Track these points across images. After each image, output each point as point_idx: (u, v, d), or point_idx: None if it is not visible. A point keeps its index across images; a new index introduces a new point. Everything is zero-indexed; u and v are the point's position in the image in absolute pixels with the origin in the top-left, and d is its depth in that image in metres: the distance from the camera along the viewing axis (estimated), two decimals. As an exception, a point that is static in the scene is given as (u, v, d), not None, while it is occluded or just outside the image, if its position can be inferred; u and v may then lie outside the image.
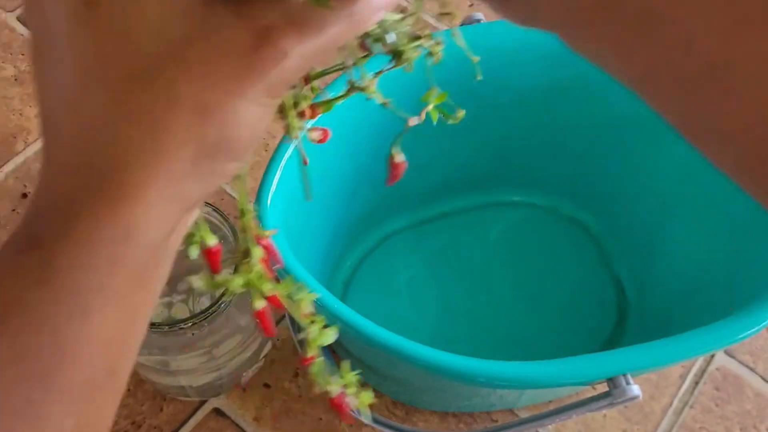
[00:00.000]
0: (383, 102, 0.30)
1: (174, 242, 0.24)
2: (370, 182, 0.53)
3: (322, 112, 0.30)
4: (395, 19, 0.28)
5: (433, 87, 0.31)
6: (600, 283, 0.65)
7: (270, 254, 0.29)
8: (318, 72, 0.29)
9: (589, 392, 0.53)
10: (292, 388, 0.61)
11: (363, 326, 0.44)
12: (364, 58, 0.28)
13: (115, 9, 0.21)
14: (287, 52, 0.22)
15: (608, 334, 0.63)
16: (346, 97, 0.30)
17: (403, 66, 0.29)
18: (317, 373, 0.31)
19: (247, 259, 0.28)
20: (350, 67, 0.29)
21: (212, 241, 0.29)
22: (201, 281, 0.28)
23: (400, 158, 0.32)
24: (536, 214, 0.68)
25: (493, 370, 0.43)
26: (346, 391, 0.31)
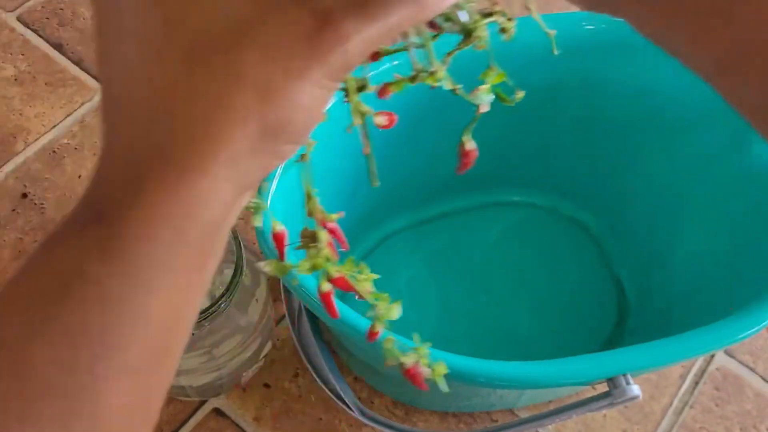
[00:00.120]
0: (452, 88, 0.28)
1: (228, 224, 0.24)
2: (371, 182, 0.53)
3: (392, 92, 0.29)
4: None
5: (492, 66, 0.29)
6: (600, 283, 0.65)
7: (336, 237, 0.29)
8: (387, 50, 0.28)
9: (589, 392, 0.53)
10: (292, 388, 0.61)
11: (363, 326, 0.43)
12: (434, 38, 0.27)
13: None
14: (349, 36, 0.22)
15: (608, 334, 0.63)
16: (417, 80, 0.28)
17: (473, 45, 0.27)
18: (389, 347, 0.30)
19: (315, 243, 0.28)
20: (418, 47, 0.27)
21: (280, 226, 0.28)
22: (269, 267, 0.28)
23: (471, 146, 0.31)
24: (536, 214, 0.68)
25: (493, 370, 0.43)
26: (420, 361, 0.31)
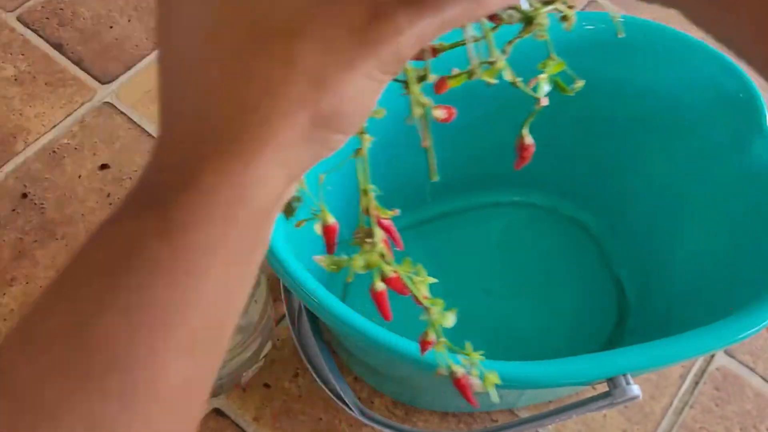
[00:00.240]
0: (513, 80, 0.27)
1: (276, 212, 0.24)
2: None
3: (450, 86, 0.28)
4: None
5: (552, 55, 0.29)
6: (600, 283, 0.65)
7: (390, 235, 0.29)
8: (446, 46, 0.27)
9: (589, 392, 0.53)
10: (292, 388, 0.61)
11: (363, 326, 0.44)
12: (494, 29, 0.26)
13: None
14: (401, 30, 0.23)
15: (608, 334, 0.63)
16: (474, 74, 0.28)
17: (533, 33, 0.26)
18: (441, 354, 0.30)
19: (370, 240, 0.28)
20: (476, 40, 0.27)
21: (331, 219, 0.28)
22: (323, 261, 0.28)
23: (529, 140, 0.31)
24: (536, 214, 0.68)
25: (492, 370, 0.43)
26: (471, 372, 0.30)
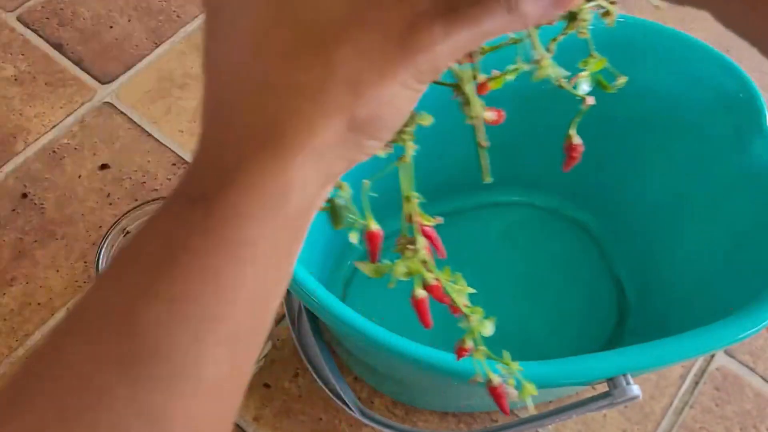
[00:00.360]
0: (558, 78, 0.27)
1: (313, 213, 0.25)
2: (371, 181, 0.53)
3: (492, 88, 0.28)
4: None
5: (593, 53, 0.28)
6: (600, 283, 0.65)
7: (432, 243, 0.29)
8: (485, 49, 0.27)
9: (589, 392, 0.52)
10: (292, 388, 0.61)
11: (363, 326, 0.43)
12: (537, 28, 0.26)
13: None
14: (438, 40, 0.23)
15: (608, 334, 0.63)
16: (516, 73, 0.28)
17: (577, 30, 0.26)
18: (479, 362, 0.30)
19: (412, 247, 0.28)
20: (516, 42, 0.26)
21: (375, 225, 0.29)
22: (366, 268, 0.28)
23: (577, 140, 0.31)
24: (536, 214, 0.68)
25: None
26: (508, 381, 0.30)
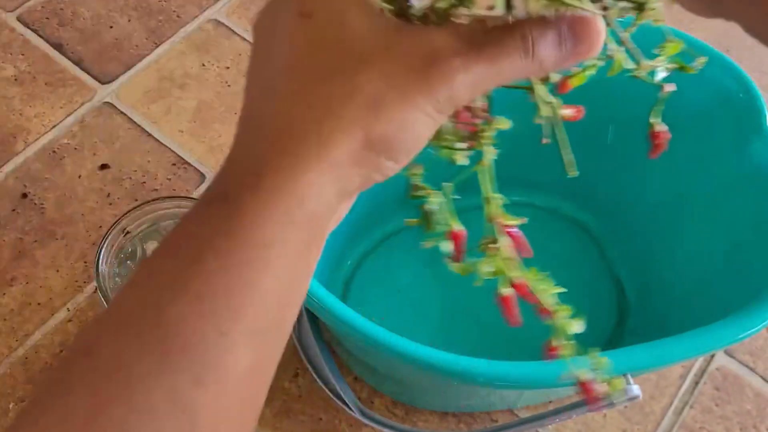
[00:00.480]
0: (633, 69, 0.27)
1: (330, 223, 0.27)
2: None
3: (573, 86, 0.28)
4: None
5: (669, 37, 0.29)
6: (600, 283, 0.65)
7: (516, 243, 0.30)
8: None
9: (589, 392, 0.52)
10: (292, 388, 0.61)
11: (363, 326, 0.43)
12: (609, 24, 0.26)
13: (322, 21, 0.26)
14: (456, 74, 0.25)
15: (608, 334, 0.63)
16: (595, 69, 0.28)
17: (651, 19, 0.26)
18: (569, 358, 0.30)
19: (495, 246, 0.29)
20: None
21: (458, 226, 0.30)
22: (453, 266, 0.30)
23: (660, 127, 0.31)
24: (536, 215, 0.68)
25: (492, 370, 0.43)
26: (597, 377, 0.31)
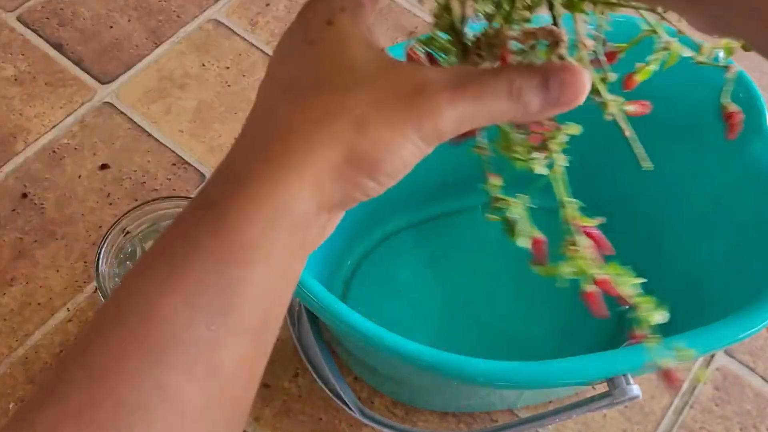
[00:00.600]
0: (699, 58, 0.28)
1: (314, 234, 0.28)
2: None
3: (639, 81, 0.29)
4: None
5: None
6: (600, 283, 0.65)
7: (597, 242, 0.31)
8: (624, 44, 0.29)
9: (589, 392, 0.53)
10: (292, 388, 0.61)
11: (363, 326, 0.43)
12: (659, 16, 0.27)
13: (325, 47, 0.28)
14: (442, 107, 0.26)
15: (609, 334, 0.63)
16: (658, 63, 0.29)
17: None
18: (653, 347, 0.31)
19: (575, 248, 0.30)
20: (654, 30, 0.28)
21: (537, 233, 0.32)
22: (538, 270, 0.31)
23: (733, 108, 0.31)
24: (536, 215, 0.68)
25: (493, 370, 0.43)
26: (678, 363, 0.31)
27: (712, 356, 0.64)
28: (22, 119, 0.72)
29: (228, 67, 0.77)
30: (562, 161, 0.30)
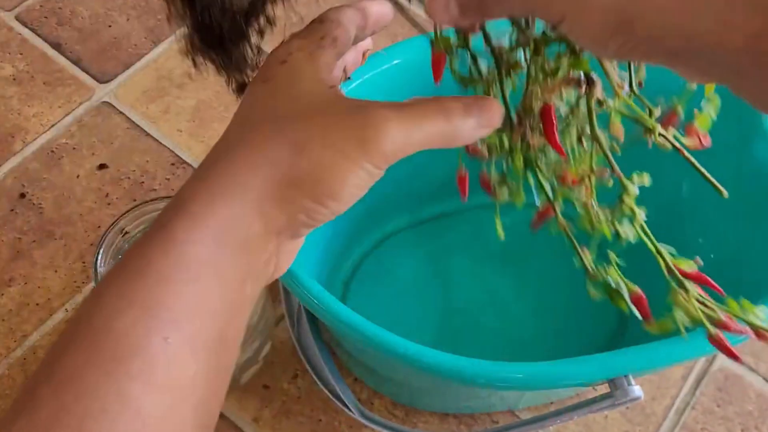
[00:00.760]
0: None
1: (265, 263, 0.30)
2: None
3: (700, 127, 0.31)
4: None
5: None
6: (601, 284, 0.65)
7: (702, 282, 0.32)
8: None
9: (590, 393, 0.52)
10: (291, 389, 0.60)
11: (363, 327, 0.43)
12: None
13: (278, 83, 0.31)
14: (384, 132, 0.28)
15: (609, 334, 0.63)
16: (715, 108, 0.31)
17: None
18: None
19: (683, 293, 0.31)
20: None
21: (635, 288, 0.33)
22: (651, 328, 0.32)
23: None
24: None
25: (493, 371, 0.43)
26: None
27: (714, 357, 0.63)
28: (20, 119, 0.72)
29: (227, 67, 0.77)
30: (641, 215, 0.32)
